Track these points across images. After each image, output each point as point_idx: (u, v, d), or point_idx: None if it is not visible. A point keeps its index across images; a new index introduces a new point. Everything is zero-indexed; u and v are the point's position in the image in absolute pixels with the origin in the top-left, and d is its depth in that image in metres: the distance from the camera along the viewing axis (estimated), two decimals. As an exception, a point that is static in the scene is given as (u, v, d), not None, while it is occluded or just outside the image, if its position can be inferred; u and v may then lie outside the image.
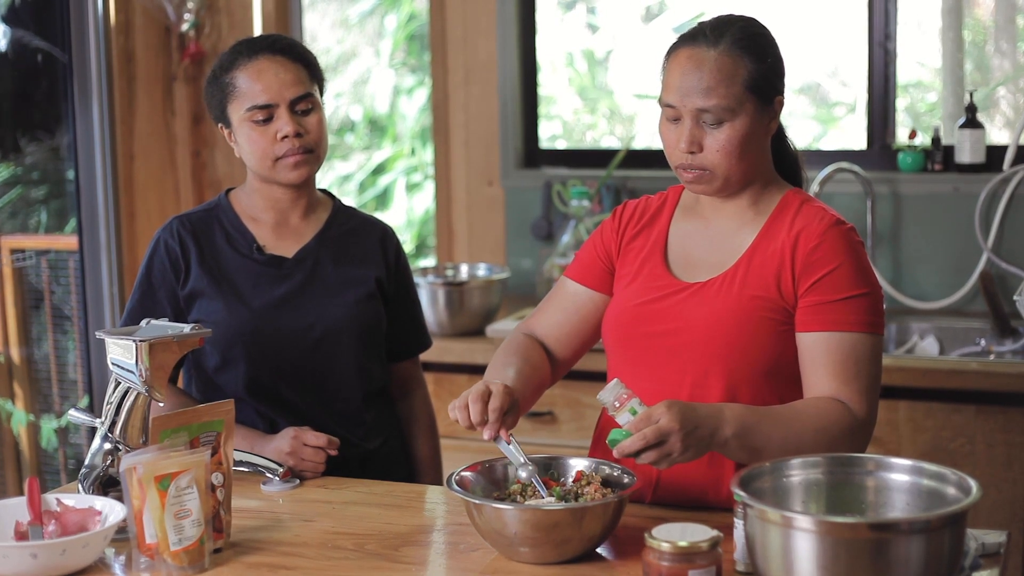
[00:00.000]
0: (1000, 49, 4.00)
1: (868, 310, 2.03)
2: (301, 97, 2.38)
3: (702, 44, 2.05)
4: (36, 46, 4.05)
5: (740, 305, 2.05)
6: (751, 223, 2.12)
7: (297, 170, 2.39)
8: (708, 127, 2.04)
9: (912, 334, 3.61)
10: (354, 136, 6.20)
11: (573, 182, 3.98)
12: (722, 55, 2.03)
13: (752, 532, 1.67)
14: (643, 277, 2.15)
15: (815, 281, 2.03)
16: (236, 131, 2.40)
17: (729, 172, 2.06)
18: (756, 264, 2.07)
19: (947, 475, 1.74)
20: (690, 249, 2.16)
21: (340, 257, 2.48)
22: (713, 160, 2.05)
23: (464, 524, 2.01)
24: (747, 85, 2.04)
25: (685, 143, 2.04)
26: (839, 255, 2.04)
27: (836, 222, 2.07)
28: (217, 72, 2.42)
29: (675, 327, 2.08)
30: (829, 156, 3.80)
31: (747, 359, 2.04)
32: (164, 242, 2.44)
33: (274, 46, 2.39)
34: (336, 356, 2.42)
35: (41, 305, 4.31)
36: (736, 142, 2.04)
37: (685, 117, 2.04)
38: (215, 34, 4.05)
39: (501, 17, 4.06)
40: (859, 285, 2.03)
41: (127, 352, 1.98)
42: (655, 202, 2.24)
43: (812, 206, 2.11)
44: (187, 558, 1.86)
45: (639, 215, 2.23)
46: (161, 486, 1.84)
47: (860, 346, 2.02)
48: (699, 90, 2.02)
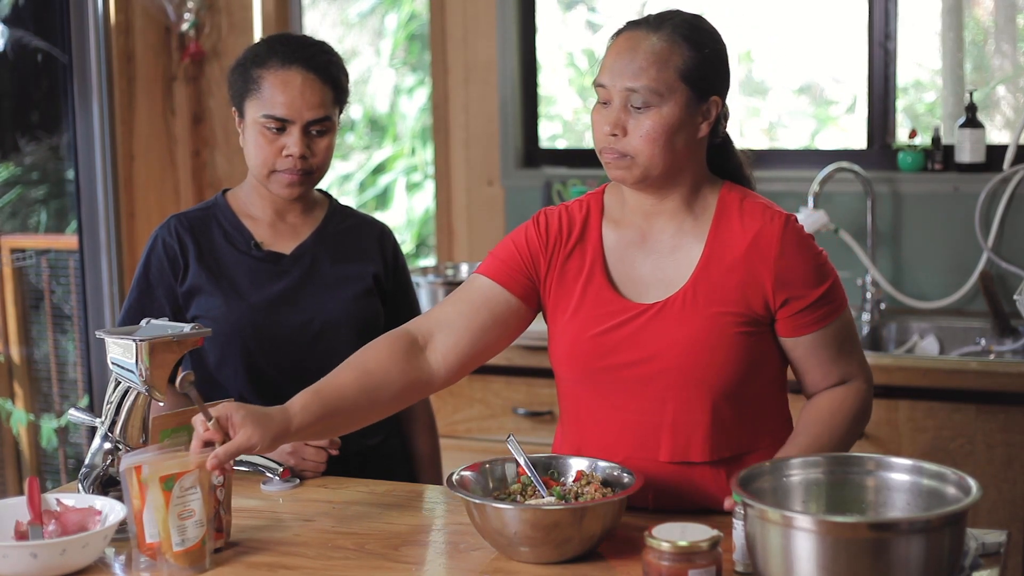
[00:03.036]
0: (1000, 49, 4.00)
1: (837, 294, 2.07)
2: (318, 120, 2.37)
3: (642, 28, 2.03)
4: (36, 46, 4.05)
5: (709, 324, 2.01)
6: (692, 230, 2.06)
7: (290, 188, 2.39)
8: (635, 111, 2.00)
9: (912, 334, 3.61)
10: (354, 136, 6.20)
11: (573, 182, 3.98)
12: (660, 40, 2.00)
13: (752, 532, 1.67)
14: (590, 302, 2.07)
15: (792, 293, 2.02)
16: (246, 127, 2.40)
17: (650, 161, 2.00)
18: (715, 277, 2.03)
19: (947, 475, 1.74)
20: (632, 265, 2.09)
21: (337, 254, 2.48)
22: (636, 146, 2.00)
23: (464, 524, 2.01)
24: (680, 73, 1.99)
25: (609, 126, 2.00)
26: (802, 257, 2.03)
27: (785, 220, 2.04)
28: (249, 61, 2.40)
29: (644, 355, 2.02)
30: (829, 156, 3.80)
31: (726, 375, 2.02)
32: (162, 240, 2.44)
33: (310, 62, 2.37)
34: (335, 352, 2.41)
35: (41, 305, 4.31)
36: (660, 130, 1.99)
37: (614, 99, 2.01)
38: (215, 34, 4.05)
39: (501, 17, 4.06)
40: (825, 276, 2.05)
41: (127, 352, 1.98)
42: (577, 212, 2.13)
43: (754, 203, 2.06)
44: (189, 559, 1.86)
45: (566, 230, 2.11)
46: (166, 486, 1.84)
47: (843, 327, 2.08)
48: (631, 70, 1.99)
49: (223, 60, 4.04)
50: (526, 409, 3.49)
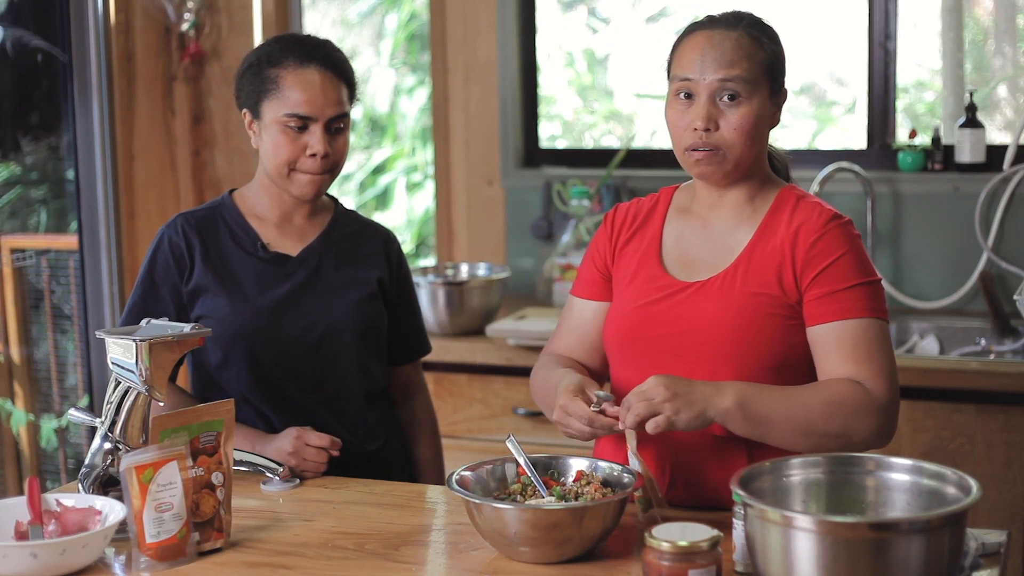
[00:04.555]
0: (1000, 49, 4.00)
1: (873, 297, 2.05)
2: (338, 116, 2.38)
3: (720, 27, 2.06)
4: (36, 46, 4.05)
5: (743, 302, 2.05)
6: (748, 220, 2.12)
7: (311, 188, 2.39)
8: (725, 105, 2.03)
9: (912, 334, 3.61)
10: (354, 135, 6.19)
11: (573, 182, 3.98)
12: (742, 35, 2.05)
13: (752, 532, 1.67)
14: (640, 279, 2.15)
15: (817, 274, 2.04)
16: (264, 128, 2.39)
17: (741, 154, 2.05)
18: (756, 261, 2.07)
19: (947, 475, 1.74)
20: (686, 249, 2.15)
21: (343, 258, 2.48)
22: (729, 139, 2.04)
23: (464, 524, 2.01)
24: (764, 66, 2.05)
25: (702, 120, 2.02)
26: (840, 247, 2.05)
27: (834, 216, 2.08)
28: (261, 63, 2.39)
29: (680, 328, 2.08)
30: (829, 156, 3.80)
31: (755, 356, 2.03)
32: (168, 238, 2.43)
33: (327, 60, 2.38)
34: (338, 355, 2.43)
35: (41, 305, 4.31)
36: (752, 121, 2.04)
37: (701, 93, 2.03)
38: (215, 34, 4.05)
39: (501, 17, 4.06)
40: (861, 274, 2.05)
41: (127, 352, 1.98)
42: (647, 204, 2.23)
43: (809, 202, 2.11)
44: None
45: (631, 218, 2.22)
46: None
47: (871, 330, 2.03)
48: (722, 62, 2.02)
49: (223, 60, 4.04)
50: (526, 409, 3.49)
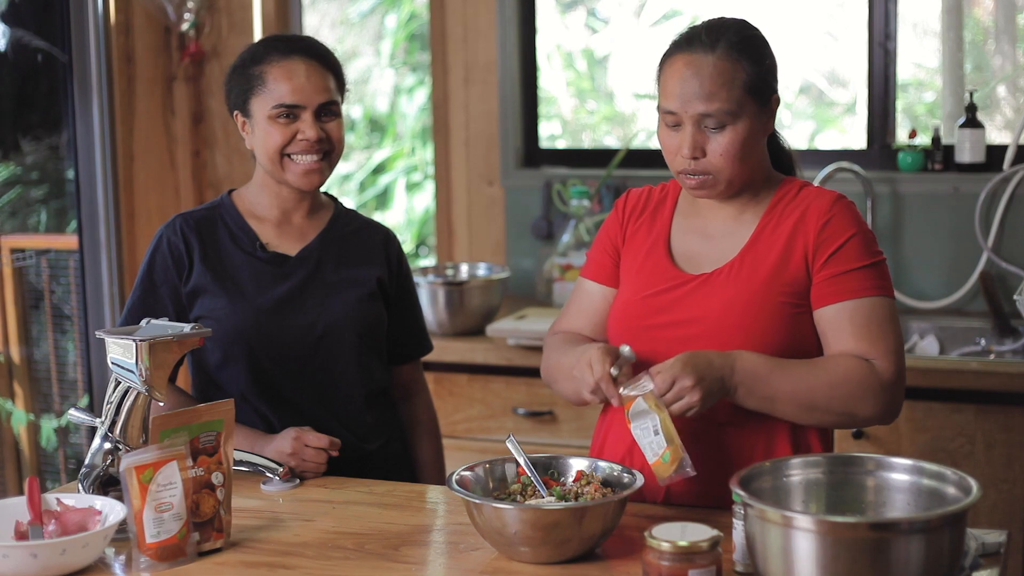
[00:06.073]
0: (1000, 49, 4.00)
1: (881, 276, 2.08)
2: (328, 103, 2.39)
3: (699, 49, 2.05)
4: (36, 46, 4.05)
5: (750, 290, 2.06)
6: (752, 214, 2.15)
7: (308, 176, 2.39)
8: (710, 131, 2.05)
9: (912, 334, 3.61)
10: (354, 135, 6.20)
11: (573, 182, 3.98)
12: (720, 59, 2.04)
13: (752, 532, 1.67)
14: (648, 270, 2.17)
15: (830, 255, 2.06)
16: (255, 124, 2.40)
17: (732, 175, 2.08)
18: (762, 249, 2.09)
19: (947, 475, 1.75)
20: (692, 244, 2.18)
21: (342, 257, 2.48)
22: (717, 164, 2.06)
23: (464, 524, 2.01)
24: (746, 88, 2.05)
25: (688, 149, 2.05)
26: (850, 227, 2.08)
27: (839, 197, 2.12)
28: (246, 62, 2.41)
29: (684, 317, 2.09)
30: (829, 156, 3.80)
31: (762, 344, 2.04)
32: (167, 239, 2.43)
33: (309, 50, 2.40)
34: (338, 354, 2.42)
35: (41, 305, 4.31)
36: (738, 145, 2.05)
37: (686, 123, 2.05)
38: (215, 34, 4.05)
39: (501, 17, 4.06)
40: (870, 254, 2.08)
41: (127, 352, 1.98)
42: (657, 194, 2.26)
43: (810, 188, 2.15)
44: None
45: (642, 205, 2.25)
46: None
47: (880, 309, 2.06)
48: (700, 95, 2.03)
49: (223, 60, 4.04)
50: (526, 409, 3.49)
